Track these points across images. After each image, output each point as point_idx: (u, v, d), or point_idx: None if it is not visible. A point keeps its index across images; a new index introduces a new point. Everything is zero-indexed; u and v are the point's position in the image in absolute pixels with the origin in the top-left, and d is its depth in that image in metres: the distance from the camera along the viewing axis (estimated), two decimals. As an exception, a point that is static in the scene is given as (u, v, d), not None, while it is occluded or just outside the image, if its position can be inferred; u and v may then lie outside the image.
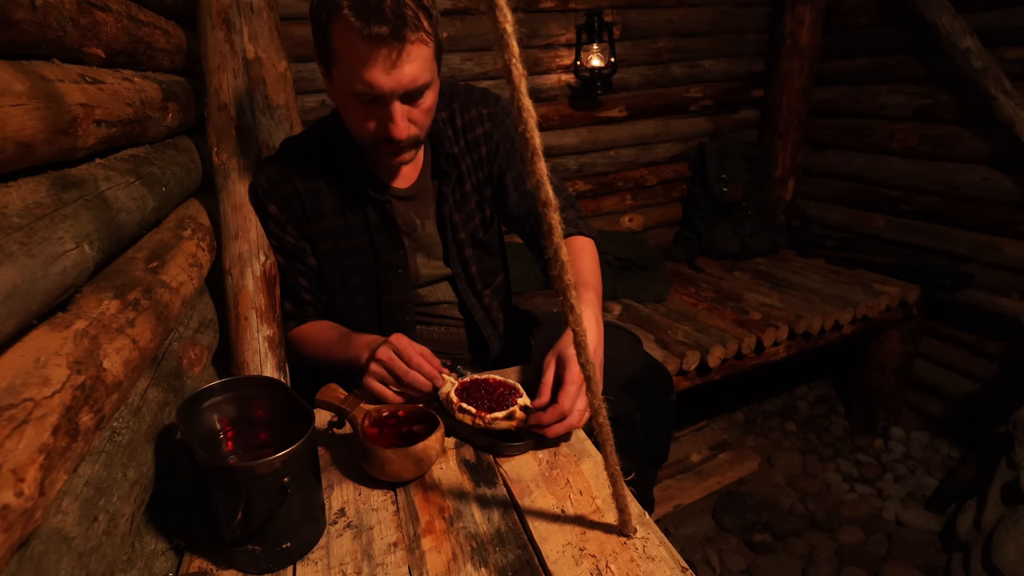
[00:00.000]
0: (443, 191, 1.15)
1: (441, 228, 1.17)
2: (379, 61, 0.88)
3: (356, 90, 0.92)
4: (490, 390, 0.97)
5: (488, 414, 0.93)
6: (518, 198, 1.20)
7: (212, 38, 1.17)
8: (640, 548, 0.73)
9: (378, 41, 0.86)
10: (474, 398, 0.96)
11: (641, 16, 2.52)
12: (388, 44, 0.87)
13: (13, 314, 0.52)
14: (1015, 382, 2.24)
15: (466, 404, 0.94)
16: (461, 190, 1.17)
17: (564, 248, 0.59)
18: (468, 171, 1.17)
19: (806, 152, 2.92)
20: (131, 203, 0.82)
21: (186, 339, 0.98)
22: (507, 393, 0.97)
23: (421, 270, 1.19)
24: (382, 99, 0.93)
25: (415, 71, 0.91)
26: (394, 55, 0.88)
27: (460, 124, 1.15)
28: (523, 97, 0.52)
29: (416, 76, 0.92)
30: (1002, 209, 2.22)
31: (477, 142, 1.16)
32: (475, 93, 1.17)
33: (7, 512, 0.45)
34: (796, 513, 2.17)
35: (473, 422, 0.93)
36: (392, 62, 0.89)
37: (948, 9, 2.14)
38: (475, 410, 0.93)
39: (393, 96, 0.93)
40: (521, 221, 1.23)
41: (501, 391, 0.97)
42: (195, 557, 0.77)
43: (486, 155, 1.17)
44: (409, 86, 0.92)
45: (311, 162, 1.11)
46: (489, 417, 0.92)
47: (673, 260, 2.77)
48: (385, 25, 0.85)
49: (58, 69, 0.70)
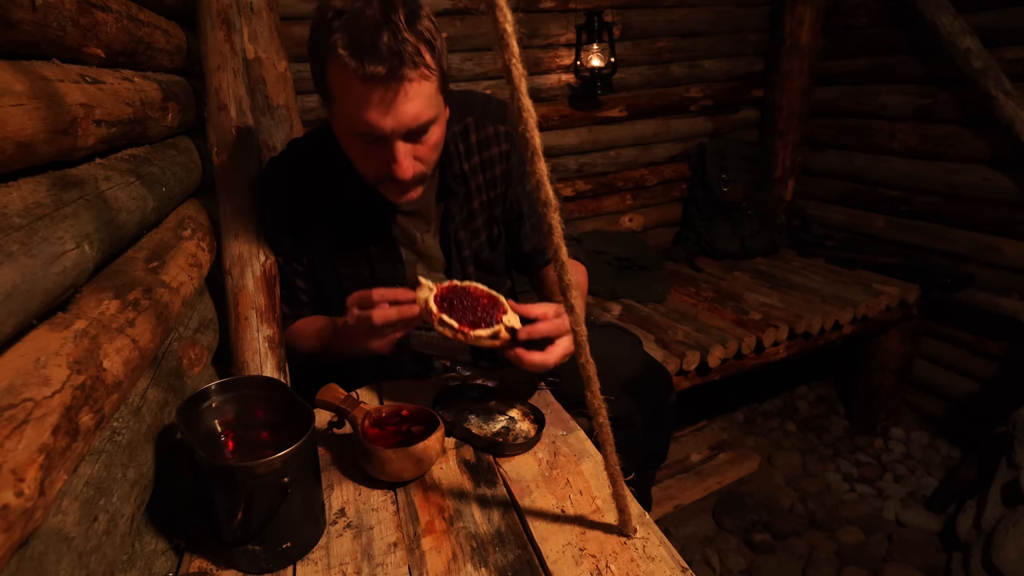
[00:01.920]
0: (450, 210, 1.12)
1: (444, 245, 1.15)
2: (377, 102, 0.84)
3: (357, 130, 0.89)
4: (473, 302, 0.90)
5: (472, 330, 0.86)
6: (530, 229, 1.19)
7: (212, 38, 1.17)
8: (640, 548, 0.73)
9: (375, 81, 0.82)
10: (456, 309, 0.88)
11: (641, 16, 2.52)
12: (386, 84, 0.83)
13: (13, 314, 0.52)
14: (1015, 382, 2.24)
15: (447, 317, 0.87)
16: (468, 208, 1.14)
17: (564, 248, 0.59)
18: (478, 189, 1.14)
19: (806, 152, 2.92)
20: (131, 203, 0.82)
21: (186, 339, 0.98)
22: (491, 307, 0.89)
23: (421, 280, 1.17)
24: (384, 139, 0.89)
25: (416, 109, 0.87)
26: (393, 94, 0.84)
27: (475, 141, 1.11)
28: (523, 97, 0.52)
29: (418, 114, 0.87)
30: (1002, 209, 2.22)
31: (492, 161, 1.12)
32: (492, 107, 1.13)
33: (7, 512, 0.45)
34: (796, 513, 2.17)
35: (454, 336, 0.87)
36: (391, 102, 0.84)
37: (948, 9, 2.14)
38: (457, 324, 0.86)
39: (395, 136, 0.89)
40: (530, 257, 1.22)
41: (485, 303, 0.90)
42: (195, 557, 0.77)
43: (500, 176, 1.14)
44: (411, 125, 0.88)
45: (314, 167, 1.09)
46: (473, 334, 0.86)
47: (673, 260, 2.77)
48: (381, 64, 0.81)
49: (58, 69, 0.70)
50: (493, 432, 0.97)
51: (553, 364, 0.89)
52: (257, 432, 0.85)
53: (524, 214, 1.18)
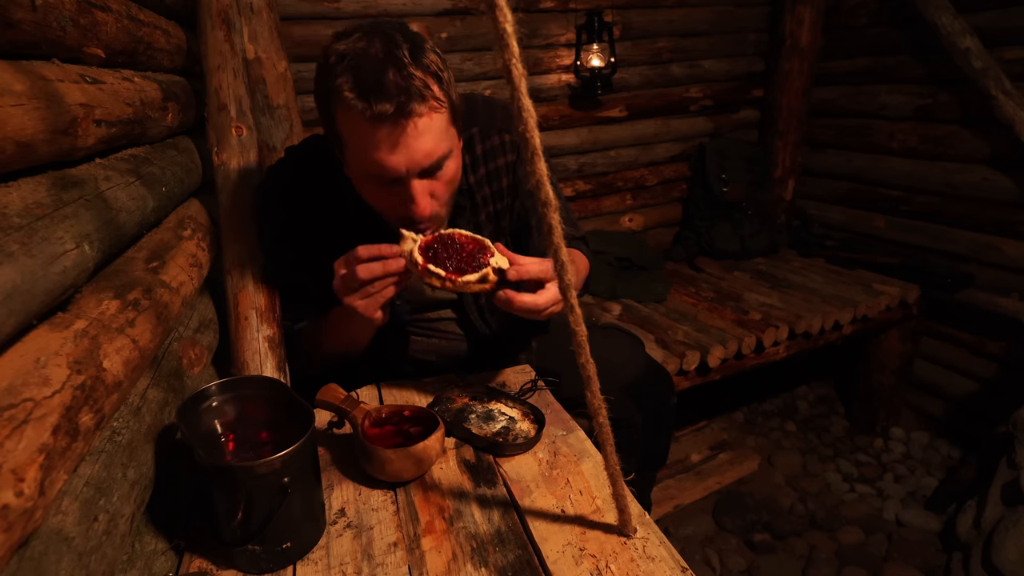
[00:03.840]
0: (456, 224, 1.09)
1: None
2: (388, 141, 0.82)
3: (370, 172, 0.87)
4: (458, 248, 0.88)
5: (459, 276, 0.85)
6: (538, 240, 1.16)
7: (212, 38, 1.17)
8: (640, 548, 0.73)
9: (384, 120, 0.80)
10: (441, 258, 0.87)
11: (641, 16, 2.52)
12: (394, 121, 0.81)
13: (13, 314, 0.52)
14: (1015, 382, 2.24)
15: (433, 266, 0.85)
16: (475, 221, 1.12)
17: (564, 248, 0.59)
18: (484, 201, 1.12)
19: (806, 152, 2.92)
20: (131, 203, 0.82)
21: (186, 339, 0.97)
22: (477, 251, 0.88)
23: (427, 294, 1.15)
24: (399, 179, 0.87)
25: (428, 145, 0.85)
26: (402, 132, 0.82)
27: (481, 152, 1.09)
28: (523, 97, 0.52)
29: (431, 150, 0.85)
30: (1002, 209, 2.22)
31: (499, 172, 1.10)
32: (497, 114, 1.10)
33: (7, 512, 0.45)
34: (796, 513, 2.17)
35: (443, 285, 0.85)
36: (402, 140, 0.82)
37: (948, 9, 2.14)
38: (444, 272, 0.85)
39: (410, 175, 0.87)
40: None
41: (472, 248, 0.88)
42: (195, 557, 0.77)
43: (507, 186, 1.12)
44: (424, 162, 0.86)
45: (313, 178, 1.06)
46: (460, 280, 0.85)
47: (673, 260, 2.77)
48: (389, 102, 0.79)
49: (58, 69, 0.70)
50: (493, 432, 0.98)
51: (543, 307, 0.87)
52: (257, 432, 0.85)
53: (533, 226, 1.16)
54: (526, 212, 1.15)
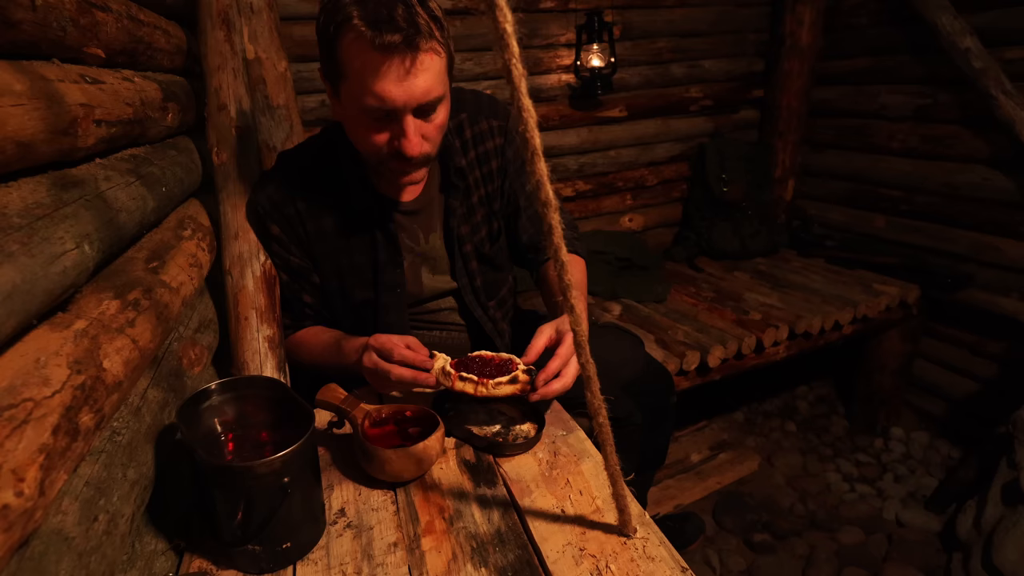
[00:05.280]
0: (451, 204, 1.12)
1: (448, 242, 1.16)
2: (391, 71, 0.85)
3: (367, 105, 0.88)
4: (485, 362, 0.94)
5: (491, 380, 0.90)
6: (527, 221, 1.20)
7: (212, 38, 1.17)
8: (640, 548, 0.73)
9: (390, 50, 0.83)
10: (470, 371, 0.92)
11: (641, 16, 2.52)
12: (401, 53, 0.83)
13: (13, 314, 0.52)
14: (1015, 382, 2.24)
15: (466, 373, 0.91)
16: (469, 203, 1.15)
17: (564, 248, 0.59)
18: (476, 184, 1.15)
19: (806, 152, 2.92)
20: (131, 203, 0.82)
21: (186, 339, 0.97)
22: (503, 364, 0.94)
23: (426, 284, 1.17)
24: (394, 114, 0.89)
25: (428, 83, 0.87)
26: (407, 64, 0.84)
27: (470, 136, 1.12)
28: (523, 97, 0.52)
29: (429, 88, 0.88)
30: (1002, 209, 2.22)
31: (488, 156, 1.14)
32: (483, 102, 1.14)
33: (7, 512, 0.45)
34: (796, 513, 2.17)
35: (476, 391, 0.90)
36: (405, 72, 0.85)
37: (948, 9, 2.14)
38: (476, 378, 0.90)
39: (406, 110, 0.89)
40: (528, 249, 1.22)
41: (497, 362, 0.94)
42: (195, 557, 0.77)
43: (496, 169, 1.16)
44: (422, 99, 0.88)
45: (312, 179, 1.08)
46: (492, 383, 0.90)
47: (673, 260, 2.77)
48: (397, 33, 0.82)
49: (58, 69, 0.70)
50: (493, 432, 0.98)
51: (572, 383, 0.91)
52: (257, 432, 0.85)
53: (521, 207, 1.19)
54: (514, 193, 1.18)
